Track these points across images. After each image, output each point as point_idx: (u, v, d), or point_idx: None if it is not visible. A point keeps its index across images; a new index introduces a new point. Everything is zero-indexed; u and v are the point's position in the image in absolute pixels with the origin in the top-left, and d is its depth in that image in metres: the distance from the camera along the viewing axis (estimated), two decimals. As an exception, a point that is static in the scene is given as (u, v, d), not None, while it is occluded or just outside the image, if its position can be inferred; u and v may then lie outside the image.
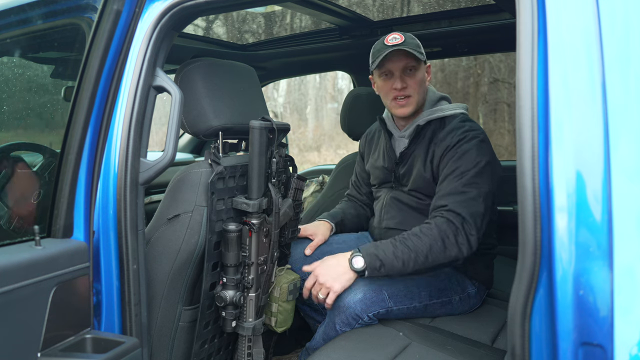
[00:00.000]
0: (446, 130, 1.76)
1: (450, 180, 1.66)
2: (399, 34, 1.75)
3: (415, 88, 1.77)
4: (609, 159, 0.83)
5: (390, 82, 1.79)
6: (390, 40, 1.74)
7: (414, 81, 1.76)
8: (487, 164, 1.66)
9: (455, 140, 1.70)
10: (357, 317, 1.59)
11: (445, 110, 1.81)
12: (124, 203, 1.27)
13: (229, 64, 1.64)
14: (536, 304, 0.89)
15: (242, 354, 1.59)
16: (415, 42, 1.77)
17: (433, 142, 1.77)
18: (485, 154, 1.69)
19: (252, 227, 1.50)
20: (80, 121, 1.17)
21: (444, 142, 1.73)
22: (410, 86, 1.76)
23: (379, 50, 1.76)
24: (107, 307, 1.28)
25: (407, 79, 1.76)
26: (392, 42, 1.73)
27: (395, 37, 1.74)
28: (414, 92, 1.77)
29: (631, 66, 0.84)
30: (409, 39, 1.75)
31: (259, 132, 1.48)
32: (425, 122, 1.80)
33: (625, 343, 0.80)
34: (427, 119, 1.81)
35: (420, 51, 1.76)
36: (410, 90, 1.77)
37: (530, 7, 0.91)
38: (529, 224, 0.89)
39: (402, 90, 1.76)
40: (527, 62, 0.91)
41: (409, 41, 1.75)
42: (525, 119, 0.90)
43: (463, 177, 1.64)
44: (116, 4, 1.18)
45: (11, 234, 1.42)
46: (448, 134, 1.73)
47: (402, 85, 1.75)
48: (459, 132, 1.72)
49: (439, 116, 1.80)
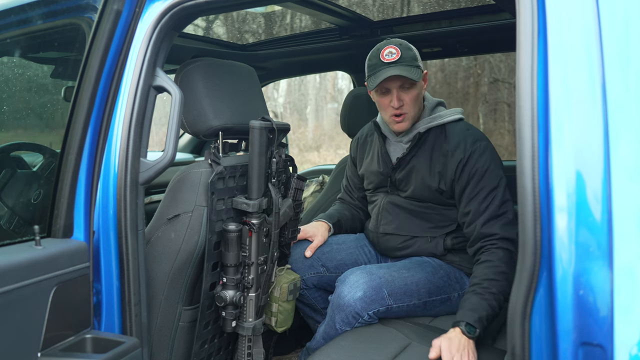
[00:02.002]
0: (453, 141, 1.75)
1: (480, 201, 1.68)
2: (395, 48, 1.70)
3: (412, 104, 1.75)
4: (608, 159, 0.83)
5: (387, 99, 1.76)
6: (386, 55, 1.70)
7: (410, 97, 1.74)
8: (504, 175, 1.72)
9: (468, 153, 1.71)
10: (357, 315, 1.59)
11: (444, 116, 1.81)
12: (124, 203, 1.27)
13: (229, 64, 1.64)
14: (536, 304, 0.89)
15: (242, 354, 1.59)
16: (411, 54, 1.73)
17: (439, 152, 1.77)
18: (498, 163, 1.73)
19: (252, 227, 1.50)
20: (80, 121, 1.17)
21: (456, 155, 1.72)
22: (407, 103, 1.75)
23: (374, 66, 1.73)
24: (107, 307, 1.28)
25: (404, 95, 1.74)
26: (387, 58, 1.69)
27: (391, 52, 1.69)
28: (410, 109, 1.76)
29: (631, 66, 0.84)
30: (405, 53, 1.71)
31: (259, 132, 1.48)
32: (425, 130, 1.80)
33: (625, 343, 0.80)
34: (428, 126, 1.80)
35: (417, 64, 1.72)
36: (406, 108, 1.76)
37: (530, 7, 0.91)
38: (529, 224, 0.89)
39: (399, 109, 1.75)
40: (527, 62, 0.91)
41: (405, 55, 1.70)
42: (525, 119, 0.90)
43: (495, 197, 1.67)
44: (116, 4, 1.18)
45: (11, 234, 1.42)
46: (457, 147, 1.73)
47: (399, 104, 1.74)
48: (468, 144, 1.73)
49: (439, 123, 1.80)
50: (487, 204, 1.67)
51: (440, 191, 1.76)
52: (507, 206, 1.68)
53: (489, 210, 1.67)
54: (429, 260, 1.81)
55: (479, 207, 1.68)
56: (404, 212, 1.85)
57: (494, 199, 1.67)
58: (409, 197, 1.84)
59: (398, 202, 1.87)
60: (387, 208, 1.89)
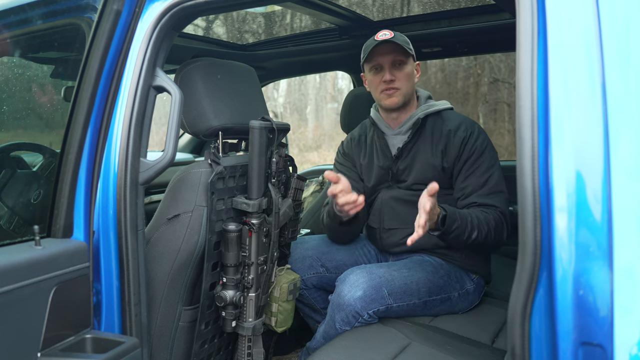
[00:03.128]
0: (453, 122, 1.84)
1: (479, 175, 1.77)
2: (389, 31, 1.82)
3: (403, 81, 1.84)
4: (608, 158, 0.83)
5: (379, 76, 1.85)
6: (380, 36, 1.81)
7: (402, 74, 1.83)
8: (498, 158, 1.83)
9: (469, 132, 1.81)
10: (357, 314, 1.59)
11: (438, 105, 1.90)
12: (124, 203, 1.27)
13: (229, 64, 1.64)
14: (536, 304, 0.89)
15: (242, 354, 1.59)
16: (404, 38, 1.84)
17: (440, 134, 1.83)
18: (494, 149, 1.85)
19: (252, 227, 1.50)
20: (80, 121, 1.17)
21: (459, 133, 1.81)
22: (399, 79, 1.83)
23: (368, 46, 1.84)
24: (107, 307, 1.28)
25: (396, 72, 1.83)
26: (381, 37, 1.80)
27: (385, 34, 1.81)
28: (402, 84, 1.84)
29: (631, 66, 0.84)
30: (398, 36, 1.82)
31: (259, 132, 1.48)
32: (425, 116, 1.86)
33: (625, 343, 0.80)
34: (426, 112, 1.87)
35: (409, 47, 1.83)
36: (398, 83, 1.83)
37: (530, 7, 0.91)
38: (529, 224, 0.89)
39: (390, 83, 1.83)
40: (527, 62, 0.91)
41: (398, 37, 1.82)
42: (525, 119, 0.90)
43: (493, 174, 1.77)
44: (116, 4, 1.18)
45: (11, 234, 1.42)
46: (459, 127, 1.82)
47: (390, 77, 1.82)
48: (468, 124, 1.84)
49: (435, 109, 1.88)
50: (485, 179, 1.76)
51: (444, 169, 1.82)
52: (504, 185, 1.78)
53: (489, 184, 1.76)
54: (430, 259, 1.81)
55: (477, 181, 1.77)
56: (406, 206, 1.85)
57: (492, 175, 1.76)
58: (410, 186, 1.85)
59: (399, 195, 1.88)
60: (389, 203, 1.90)
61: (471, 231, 1.63)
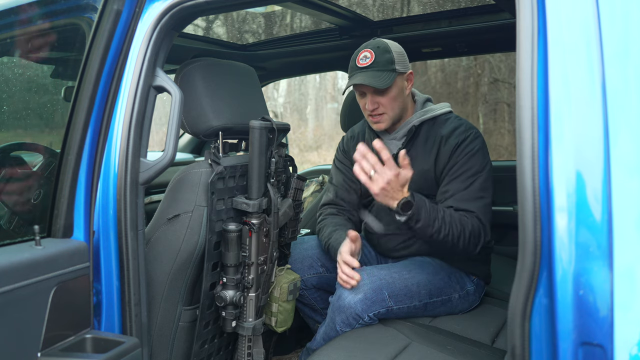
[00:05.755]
0: (448, 128, 1.77)
1: (463, 180, 1.70)
2: (370, 52, 1.71)
3: (388, 106, 1.76)
4: (609, 158, 0.83)
5: (363, 101, 1.79)
6: (360, 60, 1.72)
7: (387, 99, 1.75)
8: (490, 166, 1.75)
9: (462, 138, 1.74)
10: (357, 317, 1.59)
11: (435, 110, 1.84)
12: (124, 203, 1.27)
13: (229, 64, 1.64)
14: (536, 304, 0.89)
15: (242, 354, 1.59)
16: (387, 57, 1.71)
17: (433, 140, 1.78)
18: (486, 153, 1.76)
19: (252, 227, 1.50)
20: (80, 121, 1.17)
21: (451, 140, 1.74)
22: (383, 105, 1.75)
23: (350, 69, 1.76)
24: (107, 307, 1.28)
25: (379, 98, 1.74)
26: (361, 62, 1.72)
27: (365, 57, 1.72)
28: (386, 109, 1.76)
29: (631, 66, 0.84)
30: (379, 57, 1.70)
31: (259, 132, 1.48)
32: (420, 123, 1.81)
33: (625, 343, 0.80)
34: (421, 119, 1.81)
35: (392, 67, 1.71)
36: (382, 109, 1.76)
37: (530, 7, 0.91)
38: (529, 224, 0.89)
39: (374, 111, 1.77)
40: (527, 62, 0.91)
41: (380, 59, 1.70)
42: (525, 119, 0.90)
43: (476, 180, 1.69)
44: (116, 4, 1.18)
45: (11, 234, 1.42)
46: (452, 133, 1.75)
47: (373, 107, 1.75)
48: (462, 130, 1.76)
49: (432, 115, 1.82)
50: (468, 184, 1.69)
51: (436, 176, 1.77)
52: (487, 192, 1.70)
53: (470, 189, 1.69)
54: (430, 260, 1.81)
55: (459, 185, 1.70)
56: None
57: (474, 182, 1.69)
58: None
59: None
60: (385, 208, 1.87)
61: (440, 227, 1.56)
